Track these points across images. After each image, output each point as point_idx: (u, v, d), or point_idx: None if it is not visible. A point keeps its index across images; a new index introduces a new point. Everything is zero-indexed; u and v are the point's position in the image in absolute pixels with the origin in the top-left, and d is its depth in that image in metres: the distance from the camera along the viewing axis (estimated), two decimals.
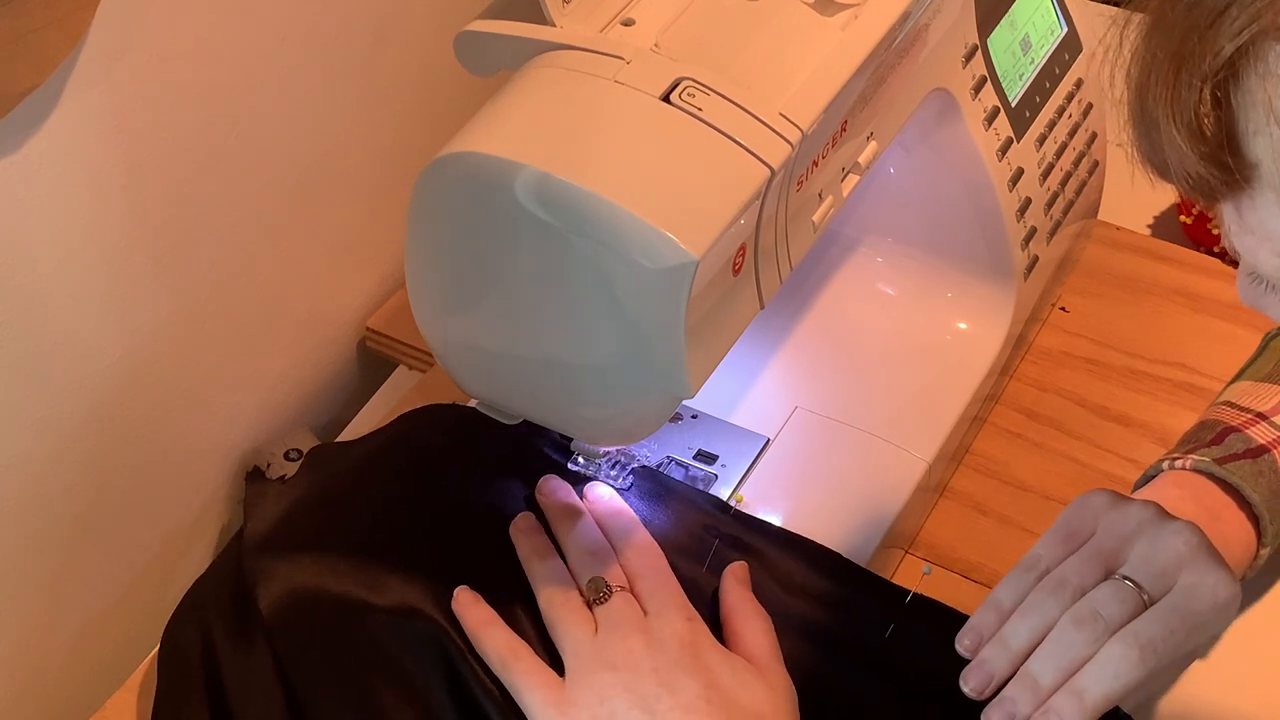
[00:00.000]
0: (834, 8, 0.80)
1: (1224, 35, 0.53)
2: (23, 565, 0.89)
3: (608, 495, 0.90)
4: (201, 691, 0.85)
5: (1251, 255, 0.58)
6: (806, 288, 1.05)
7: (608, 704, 0.78)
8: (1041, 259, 1.04)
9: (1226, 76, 0.53)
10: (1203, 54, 0.53)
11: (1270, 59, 0.52)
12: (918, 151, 0.98)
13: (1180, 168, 0.56)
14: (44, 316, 0.85)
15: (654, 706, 0.77)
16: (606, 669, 0.79)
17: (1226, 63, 0.53)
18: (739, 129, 0.72)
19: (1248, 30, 0.52)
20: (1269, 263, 0.57)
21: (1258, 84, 0.53)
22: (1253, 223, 0.56)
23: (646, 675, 0.79)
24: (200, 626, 0.87)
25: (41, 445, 0.87)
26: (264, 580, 0.86)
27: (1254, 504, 0.86)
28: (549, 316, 0.76)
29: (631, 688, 0.78)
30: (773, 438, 0.97)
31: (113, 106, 0.84)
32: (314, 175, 1.02)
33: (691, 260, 0.68)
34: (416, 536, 0.88)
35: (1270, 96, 0.52)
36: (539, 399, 0.81)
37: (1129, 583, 0.77)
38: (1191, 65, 0.54)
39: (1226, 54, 0.53)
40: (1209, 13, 0.53)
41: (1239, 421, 0.90)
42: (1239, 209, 0.56)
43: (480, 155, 0.71)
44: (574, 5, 0.77)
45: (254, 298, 1.00)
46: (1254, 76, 0.53)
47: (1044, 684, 0.76)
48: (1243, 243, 0.57)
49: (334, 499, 0.91)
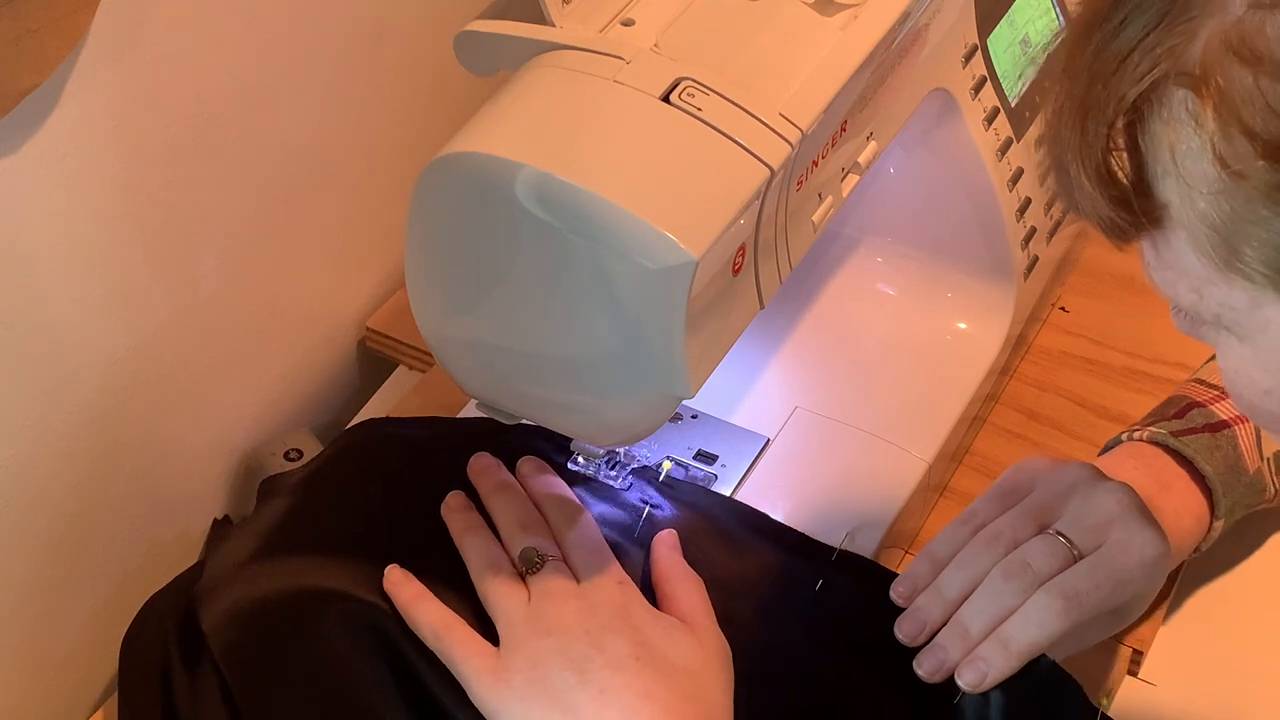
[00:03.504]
0: (834, 8, 0.80)
1: (1127, 81, 0.54)
2: (22, 565, 0.89)
3: (539, 469, 0.90)
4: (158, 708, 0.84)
5: (1171, 289, 0.59)
6: (806, 288, 1.05)
7: (540, 668, 0.78)
8: (1041, 259, 1.04)
9: (1132, 121, 0.55)
10: (1107, 100, 0.55)
11: (1173, 103, 0.53)
12: (918, 151, 0.98)
13: (1092, 211, 0.58)
14: (44, 316, 0.85)
15: (585, 666, 0.78)
16: (539, 635, 0.79)
17: (1131, 107, 0.54)
18: (739, 129, 0.72)
19: (1149, 75, 0.53)
20: (1187, 298, 0.58)
21: (1162, 128, 0.54)
22: (1169, 259, 0.57)
23: (578, 638, 0.79)
24: (160, 639, 0.86)
25: (41, 445, 0.87)
26: (205, 598, 0.85)
27: (1207, 476, 0.88)
28: (549, 316, 0.76)
29: (563, 650, 0.78)
30: (773, 438, 0.97)
31: (113, 106, 0.84)
32: (314, 175, 1.02)
33: (691, 260, 0.68)
34: (367, 537, 0.88)
35: (1174, 140, 0.54)
36: (539, 399, 0.81)
37: (1060, 538, 0.80)
38: (1097, 112, 0.55)
39: (1130, 99, 0.54)
40: (1113, 59, 0.54)
41: (1205, 398, 0.92)
42: (1155, 246, 0.58)
43: (480, 155, 0.71)
44: (574, 5, 0.77)
45: (254, 298, 1.00)
46: (1158, 121, 0.54)
47: (973, 632, 0.79)
48: (1162, 277, 0.59)
49: (279, 515, 0.90)
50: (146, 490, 0.96)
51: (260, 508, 0.91)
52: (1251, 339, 0.57)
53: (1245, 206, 0.53)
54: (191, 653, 0.84)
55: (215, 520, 0.96)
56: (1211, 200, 0.53)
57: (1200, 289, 0.57)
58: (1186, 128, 0.53)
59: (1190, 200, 0.54)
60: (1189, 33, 0.53)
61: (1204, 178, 0.53)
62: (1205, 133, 0.53)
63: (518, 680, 0.78)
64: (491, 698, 0.79)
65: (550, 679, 0.78)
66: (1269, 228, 0.52)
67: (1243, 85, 0.51)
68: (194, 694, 0.82)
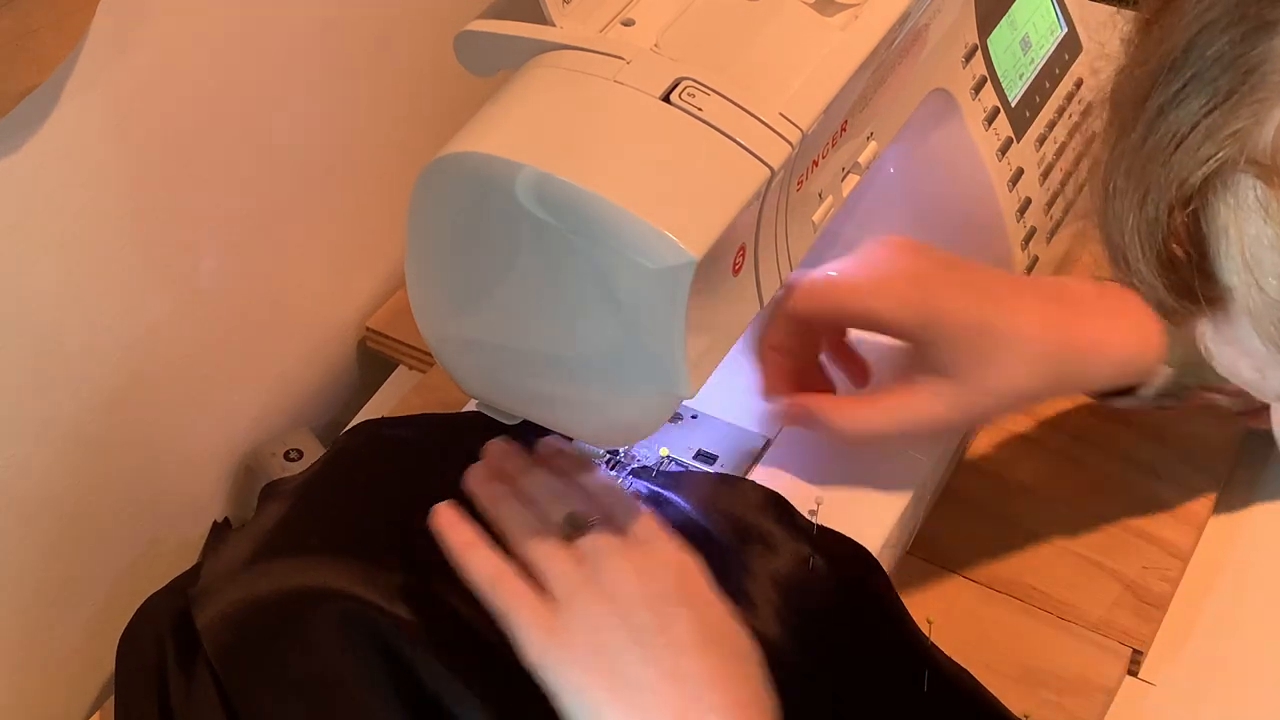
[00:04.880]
0: (834, 8, 0.80)
1: (1191, 163, 0.51)
2: (22, 565, 0.89)
3: (561, 449, 0.88)
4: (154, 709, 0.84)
5: (1231, 365, 0.57)
6: None
7: (600, 633, 0.76)
8: (1041, 259, 1.04)
9: (1196, 205, 0.52)
10: (1168, 182, 0.52)
11: (1240, 190, 0.51)
12: (918, 151, 0.98)
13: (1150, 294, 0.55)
14: (44, 316, 0.85)
15: (650, 641, 0.76)
16: (599, 599, 0.77)
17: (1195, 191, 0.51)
18: (739, 129, 0.72)
19: (1214, 159, 0.51)
20: (1249, 376, 0.56)
21: (1227, 213, 0.51)
22: (1230, 338, 0.55)
23: (639, 605, 0.77)
24: (156, 640, 0.86)
25: (41, 445, 0.87)
26: (200, 600, 0.84)
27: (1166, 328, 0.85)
28: (549, 316, 0.76)
29: (625, 618, 0.77)
30: (773, 438, 0.97)
31: (113, 106, 0.84)
32: (314, 175, 1.02)
33: (691, 260, 0.68)
34: (365, 538, 0.87)
35: (1241, 227, 0.51)
36: (539, 399, 0.81)
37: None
38: (1157, 195, 0.52)
39: (1194, 183, 0.51)
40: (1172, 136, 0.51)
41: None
42: (1215, 324, 0.56)
43: (480, 155, 0.71)
44: (574, 5, 0.76)
45: (254, 297, 1.00)
46: (1223, 205, 0.51)
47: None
48: (1221, 351, 0.57)
49: (275, 519, 0.89)
50: (146, 490, 0.96)
51: (258, 513, 0.91)
52: None
53: None
54: (187, 655, 0.83)
55: (215, 523, 0.96)
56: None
57: (1264, 370, 0.55)
58: (1256, 217, 0.51)
59: (1257, 289, 0.52)
60: (1257, 116, 0.50)
61: (1273, 268, 0.51)
62: (1275, 223, 0.50)
63: (578, 646, 0.76)
64: (545, 655, 0.76)
65: (613, 651, 0.76)
66: None
67: None
68: (189, 696, 0.82)
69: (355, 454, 0.93)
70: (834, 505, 0.93)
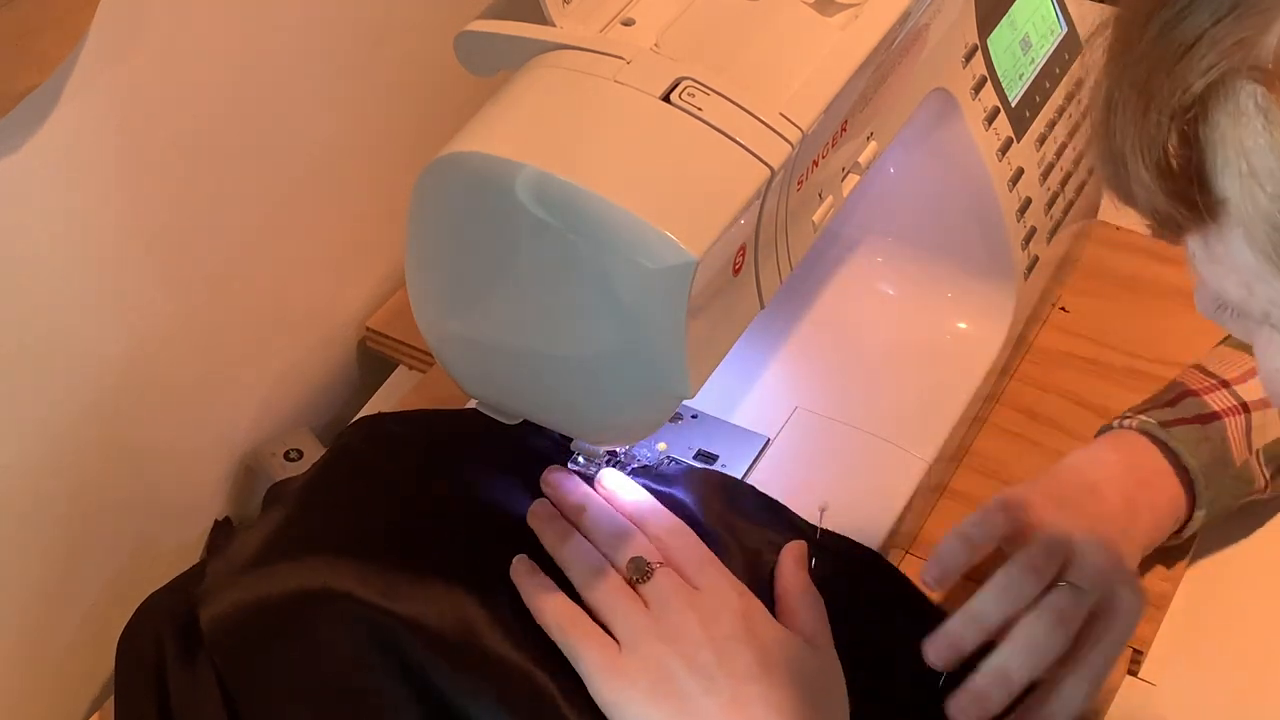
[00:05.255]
0: (834, 8, 0.80)
1: (1194, 72, 0.52)
2: (22, 565, 0.89)
3: (622, 481, 0.90)
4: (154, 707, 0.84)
5: (1218, 284, 0.58)
6: (806, 288, 1.05)
7: (664, 670, 0.78)
8: (1041, 259, 1.04)
9: (1196, 114, 0.53)
10: (1171, 90, 0.53)
11: (1241, 97, 0.52)
12: (918, 151, 0.98)
13: (1147, 203, 0.57)
14: (44, 316, 0.85)
15: (712, 674, 0.78)
16: (664, 642, 0.79)
17: (1196, 99, 0.53)
18: (739, 129, 0.72)
19: (1218, 67, 0.52)
20: (1235, 293, 0.57)
21: (1228, 122, 0.53)
22: (1220, 254, 0.56)
23: (703, 645, 0.79)
24: (155, 639, 0.86)
25: (41, 445, 0.87)
26: (206, 600, 0.84)
27: (1190, 469, 0.89)
28: (549, 316, 0.76)
29: (689, 657, 0.79)
30: (773, 438, 0.97)
31: (113, 106, 0.84)
32: (314, 175, 1.02)
33: (691, 260, 0.68)
34: (368, 537, 0.87)
35: (1242, 135, 0.52)
36: (539, 399, 0.81)
37: (1077, 589, 0.82)
38: (1159, 103, 0.54)
39: (1196, 90, 0.53)
40: (1177, 47, 0.53)
41: (1200, 386, 0.93)
42: (1206, 241, 0.57)
43: (480, 155, 0.71)
44: (574, 5, 0.76)
45: (254, 298, 1.00)
46: (1223, 114, 0.53)
47: (1015, 681, 0.81)
48: (1209, 270, 0.58)
49: (279, 519, 0.89)
50: (146, 490, 0.96)
51: (263, 513, 0.91)
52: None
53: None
54: (188, 654, 0.84)
55: (216, 521, 0.96)
56: (1276, 199, 0.52)
57: (1251, 285, 0.56)
58: (1255, 123, 0.52)
59: (1253, 198, 0.53)
60: (1262, 25, 0.51)
61: (1270, 175, 0.52)
62: (1275, 129, 0.51)
63: (643, 681, 0.78)
64: (612, 692, 0.79)
65: (677, 683, 0.78)
66: None
67: None
68: (192, 696, 0.82)
69: (358, 452, 0.93)
70: (834, 505, 0.93)
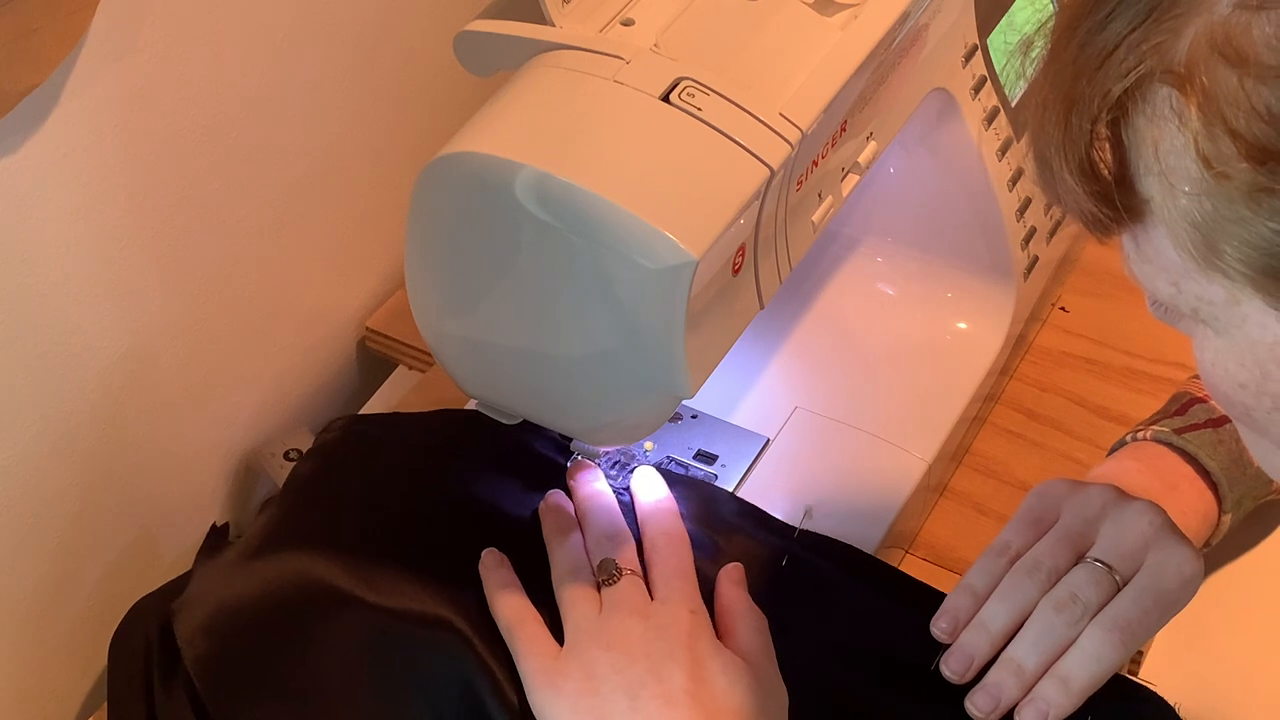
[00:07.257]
0: (834, 8, 0.80)
1: (1112, 76, 0.54)
2: (22, 565, 0.89)
3: (650, 478, 0.90)
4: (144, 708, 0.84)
5: (1150, 283, 0.59)
6: (806, 288, 1.05)
7: (592, 680, 0.78)
8: (1041, 259, 1.04)
9: (1116, 116, 0.55)
10: (1092, 96, 0.55)
11: (1157, 100, 0.53)
12: (918, 151, 0.98)
13: (1074, 204, 0.58)
14: (44, 316, 0.85)
15: (638, 692, 0.77)
16: (601, 647, 0.79)
17: (1115, 103, 0.54)
18: (739, 129, 0.72)
19: (1135, 71, 0.54)
20: (1165, 291, 0.58)
21: (1146, 125, 0.54)
22: (1148, 253, 0.58)
23: (638, 659, 0.79)
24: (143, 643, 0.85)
25: (41, 445, 0.87)
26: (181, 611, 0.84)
27: (1212, 472, 0.89)
28: (548, 316, 0.76)
29: (620, 669, 0.78)
30: (773, 438, 0.97)
31: (113, 106, 0.84)
32: (314, 175, 1.02)
33: (691, 260, 0.68)
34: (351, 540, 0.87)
35: (1158, 137, 0.54)
36: (539, 399, 0.81)
37: (1101, 565, 0.81)
38: (1081, 107, 0.55)
39: (1115, 95, 0.54)
40: (1098, 54, 0.54)
41: (1205, 392, 0.92)
42: (1135, 240, 0.58)
43: (480, 155, 0.71)
44: (573, 5, 0.77)
45: (254, 298, 1.00)
46: (1142, 117, 0.54)
47: (1028, 669, 0.80)
48: (1141, 270, 0.59)
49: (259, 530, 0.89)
50: (146, 490, 0.96)
51: (250, 526, 0.91)
52: (1228, 333, 0.57)
53: (1226, 206, 0.53)
54: (168, 666, 0.84)
55: (213, 525, 0.96)
56: (1193, 198, 0.53)
57: (1179, 283, 0.57)
58: (1170, 125, 0.53)
59: (1172, 197, 0.54)
60: (1175, 29, 0.53)
61: (1186, 176, 0.53)
62: (1189, 131, 0.53)
63: (568, 687, 0.78)
64: (539, 697, 0.79)
65: (601, 696, 0.78)
66: (1249, 228, 0.52)
67: (1227, 86, 0.51)
68: (169, 707, 0.82)
69: (338, 459, 0.93)
70: (833, 505, 0.93)
